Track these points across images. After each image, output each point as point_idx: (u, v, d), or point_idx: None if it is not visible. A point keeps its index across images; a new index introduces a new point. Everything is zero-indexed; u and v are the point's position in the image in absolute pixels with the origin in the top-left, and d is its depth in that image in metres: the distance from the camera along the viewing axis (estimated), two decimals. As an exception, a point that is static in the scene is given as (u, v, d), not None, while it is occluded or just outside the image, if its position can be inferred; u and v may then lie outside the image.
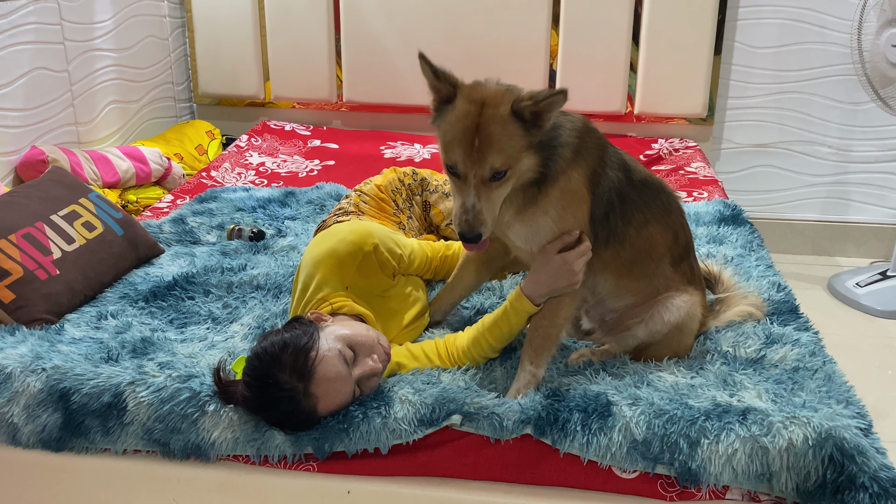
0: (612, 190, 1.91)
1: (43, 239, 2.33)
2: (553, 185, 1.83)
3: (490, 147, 1.69)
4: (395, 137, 4.08)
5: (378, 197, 2.52)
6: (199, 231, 2.85)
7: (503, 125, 1.70)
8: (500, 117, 1.70)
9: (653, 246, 1.99)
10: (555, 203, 1.85)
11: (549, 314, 1.91)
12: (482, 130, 1.69)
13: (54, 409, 1.88)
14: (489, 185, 1.72)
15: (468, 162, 1.71)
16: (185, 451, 1.84)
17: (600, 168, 1.89)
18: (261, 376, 1.77)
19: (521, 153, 1.73)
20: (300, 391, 1.75)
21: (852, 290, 3.75)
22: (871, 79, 3.55)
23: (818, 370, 1.92)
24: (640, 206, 1.96)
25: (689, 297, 2.01)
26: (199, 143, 4.00)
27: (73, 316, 2.25)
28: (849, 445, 1.65)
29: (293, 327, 1.84)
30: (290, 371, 1.75)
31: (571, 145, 1.85)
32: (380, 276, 2.10)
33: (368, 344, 1.86)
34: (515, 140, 1.72)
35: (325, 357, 1.78)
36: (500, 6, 3.93)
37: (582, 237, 1.88)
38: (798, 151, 4.11)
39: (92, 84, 3.58)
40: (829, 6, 3.85)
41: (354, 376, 1.81)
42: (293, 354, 1.76)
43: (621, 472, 1.74)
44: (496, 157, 1.70)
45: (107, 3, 3.67)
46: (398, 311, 2.15)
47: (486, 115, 1.70)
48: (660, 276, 2.00)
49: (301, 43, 4.15)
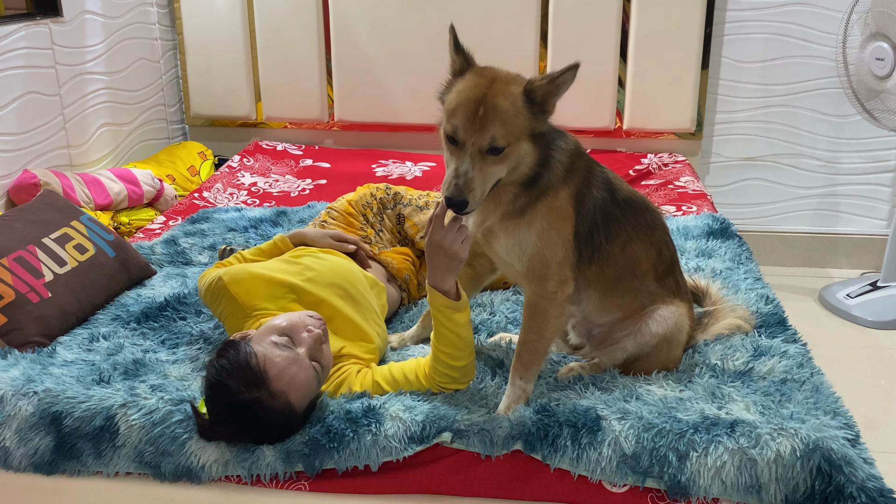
0: (596, 209, 1.93)
1: (35, 262, 2.34)
2: (542, 199, 1.84)
3: (494, 117, 1.70)
4: (387, 156, 4.10)
5: (346, 212, 2.60)
6: (192, 252, 2.86)
7: (511, 100, 1.72)
8: (510, 92, 1.73)
9: (636, 263, 2.00)
10: (540, 218, 1.86)
11: (537, 329, 1.92)
12: (488, 101, 1.71)
13: (46, 432, 1.89)
14: (485, 158, 1.71)
15: (469, 129, 1.71)
16: (176, 474, 1.84)
17: (586, 188, 1.92)
18: (224, 407, 1.79)
19: (522, 135, 1.74)
20: (266, 397, 1.77)
21: (843, 302, 3.77)
22: (856, 92, 3.58)
23: (806, 382, 1.93)
24: (624, 224, 1.98)
25: (675, 308, 2.03)
26: (192, 164, 4.02)
27: (65, 338, 2.26)
28: (836, 456, 1.66)
29: (224, 351, 1.85)
30: (246, 387, 1.77)
31: (564, 164, 1.87)
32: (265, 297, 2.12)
33: (296, 321, 1.91)
34: (520, 119, 1.73)
35: (265, 355, 1.81)
36: (489, 24, 3.96)
37: (438, 213, 1.83)
38: (786, 164, 4.14)
39: (84, 107, 3.60)
40: (814, 20, 3.89)
41: (303, 355, 1.85)
42: (239, 373, 1.78)
43: (611, 487, 1.75)
44: (498, 129, 1.70)
45: (98, 26, 3.70)
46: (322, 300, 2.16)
47: (495, 89, 1.73)
48: (644, 291, 2.02)
49: (292, 63, 4.18)
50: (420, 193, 2.74)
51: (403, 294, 2.55)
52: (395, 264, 2.52)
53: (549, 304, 1.90)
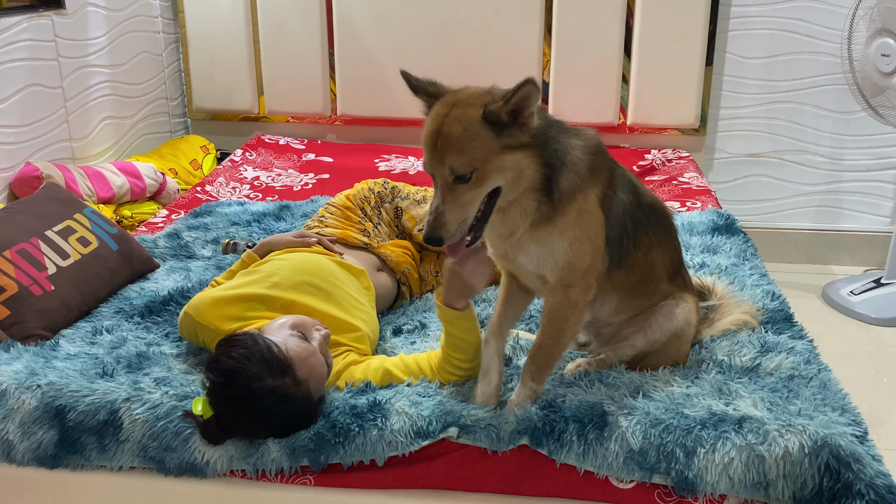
0: (625, 213, 1.89)
1: (38, 255, 2.33)
2: (570, 203, 1.78)
3: (448, 148, 1.66)
4: (390, 150, 4.09)
5: (344, 206, 2.62)
6: (195, 245, 2.85)
7: (465, 126, 1.66)
8: (465, 118, 1.66)
9: (654, 268, 1.98)
10: (572, 224, 1.79)
11: (555, 335, 1.87)
12: (443, 131, 1.66)
13: (50, 426, 1.88)
14: (455, 188, 1.68)
15: (433, 162, 1.69)
16: (180, 470, 1.83)
17: (611, 190, 1.86)
18: (245, 400, 1.76)
19: (490, 155, 1.67)
20: (290, 384, 1.77)
21: (847, 299, 3.76)
22: (861, 88, 3.57)
23: (813, 378, 1.93)
24: (648, 229, 1.95)
25: (684, 304, 2.01)
26: (194, 157, 4.01)
27: (69, 331, 2.25)
28: (845, 453, 1.65)
29: (234, 345, 1.82)
30: (269, 375, 1.76)
31: (585, 163, 1.80)
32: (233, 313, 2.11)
33: (303, 320, 1.96)
34: (480, 142, 1.66)
35: (287, 344, 1.83)
36: (493, 19, 3.95)
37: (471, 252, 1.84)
38: (790, 161, 4.13)
39: (86, 100, 3.59)
40: (819, 16, 3.88)
41: (318, 348, 1.88)
42: (260, 360, 1.78)
43: (618, 483, 1.74)
44: (454, 158, 1.66)
45: (101, 19, 3.69)
46: None
47: (451, 117, 1.67)
48: (658, 293, 2.00)
49: (295, 57, 4.17)
50: (418, 188, 2.74)
51: (404, 288, 2.54)
52: (393, 258, 2.51)
53: (570, 312, 1.86)
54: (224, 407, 1.78)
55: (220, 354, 1.82)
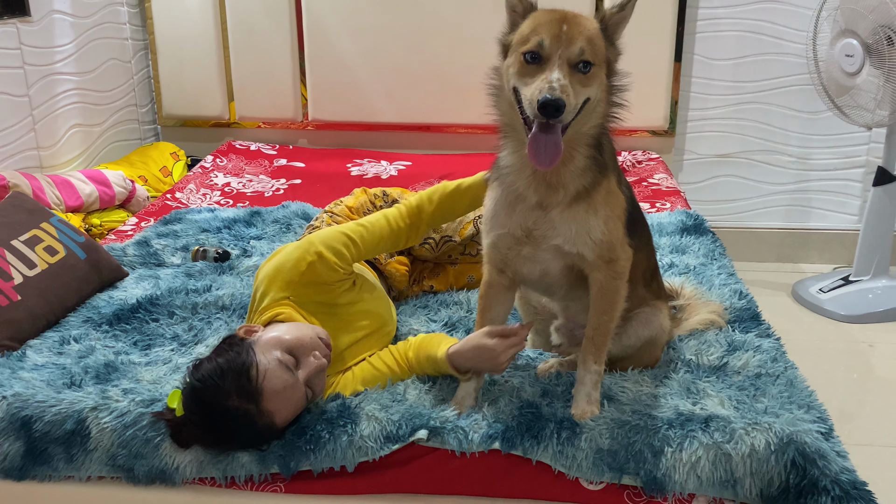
0: (630, 205, 1.91)
1: (3, 264, 2.30)
2: (601, 182, 1.81)
3: (580, 32, 1.68)
4: (362, 155, 4.09)
5: (349, 218, 2.53)
6: (164, 253, 2.83)
7: (591, 22, 1.73)
8: (588, 17, 1.74)
9: (636, 269, 1.99)
10: (603, 204, 1.81)
11: (609, 309, 1.87)
12: (570, 19, 1.69)
13: (16, 437, 1.85)
14: (573, 75, 1.66)
15: (555, 43, 1.66)
16: (149, 477, 1.82)
17: (619, 181, 1.90)
18: (208, 410, 1.75)
19: (602, 61, 1.73)
20: (254, 412, 1.74)
21: (816, 296, 3.80)
22: (827, 88, 3.62)
23: (780, 376, 1.95)
24: (638, 229, 1.96)
25: (658, 311, 2.03)
26: (164, 164, 3.99)
27: (36, 342, 2.22)
28: (810, 450, 1.67)
29: (225, 350, 1.81)
30: (237, 396, 1.73)
31: (610, 151, 1.85)
32: (328, 287, 2.06)
33: (306, 342, 1.84)
34: (600, 42, 1.73)
35: (267, 371, 1.76)
36: (463, 24, 3.95)
37: (518, 331, 1.86)
38: (759, 161, 4.17)
39: (53, 108, 3.56)
40: (784, 17, 3.93)
41: (302, 380, 1.80)
42: (235, 378, 1.74)
43: (588, 484, 1.75)
44: (586, 43, 1.67)
45: (67, 26, 3.66)
46: (345, 327, 2.10)
47: (573, 13, 1.72)
48: (635, 297, 2.00)
49: (265, 63, 4.15)
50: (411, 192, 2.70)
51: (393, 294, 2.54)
52: (397, 276, 2.49)
53: (619, 283, 1.87)
54: (190, 409, 1.77)
55: (209, 357, 1.82)
